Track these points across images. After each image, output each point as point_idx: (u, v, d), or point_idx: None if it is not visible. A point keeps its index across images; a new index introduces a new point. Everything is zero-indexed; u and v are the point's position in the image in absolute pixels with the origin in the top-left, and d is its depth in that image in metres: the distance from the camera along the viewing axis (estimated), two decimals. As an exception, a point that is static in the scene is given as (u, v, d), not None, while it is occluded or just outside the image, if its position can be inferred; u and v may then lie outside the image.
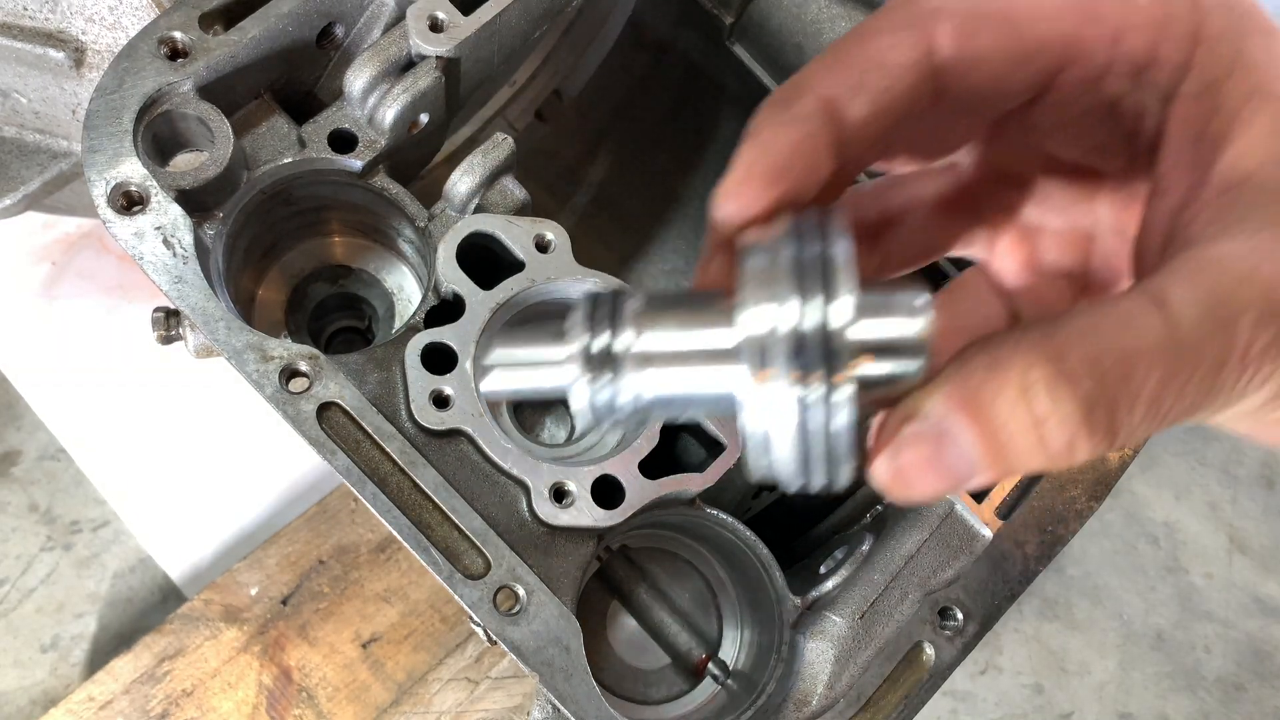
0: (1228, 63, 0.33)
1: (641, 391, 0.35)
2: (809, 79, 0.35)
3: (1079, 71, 0.35)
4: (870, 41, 0.34)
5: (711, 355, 0.34)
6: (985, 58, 0.34)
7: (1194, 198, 0.33)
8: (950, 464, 0.32)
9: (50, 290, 1.29)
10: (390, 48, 0.75)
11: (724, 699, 0.83)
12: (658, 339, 0.35)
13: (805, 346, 0.31)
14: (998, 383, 0.31)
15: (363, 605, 1.16)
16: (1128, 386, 0.30)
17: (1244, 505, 1.57)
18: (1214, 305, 0.30)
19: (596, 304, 0.36)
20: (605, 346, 0.35)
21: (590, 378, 0.35)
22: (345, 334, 0.90)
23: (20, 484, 1.25)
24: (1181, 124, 0.34)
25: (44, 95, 0.86)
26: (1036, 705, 1.42)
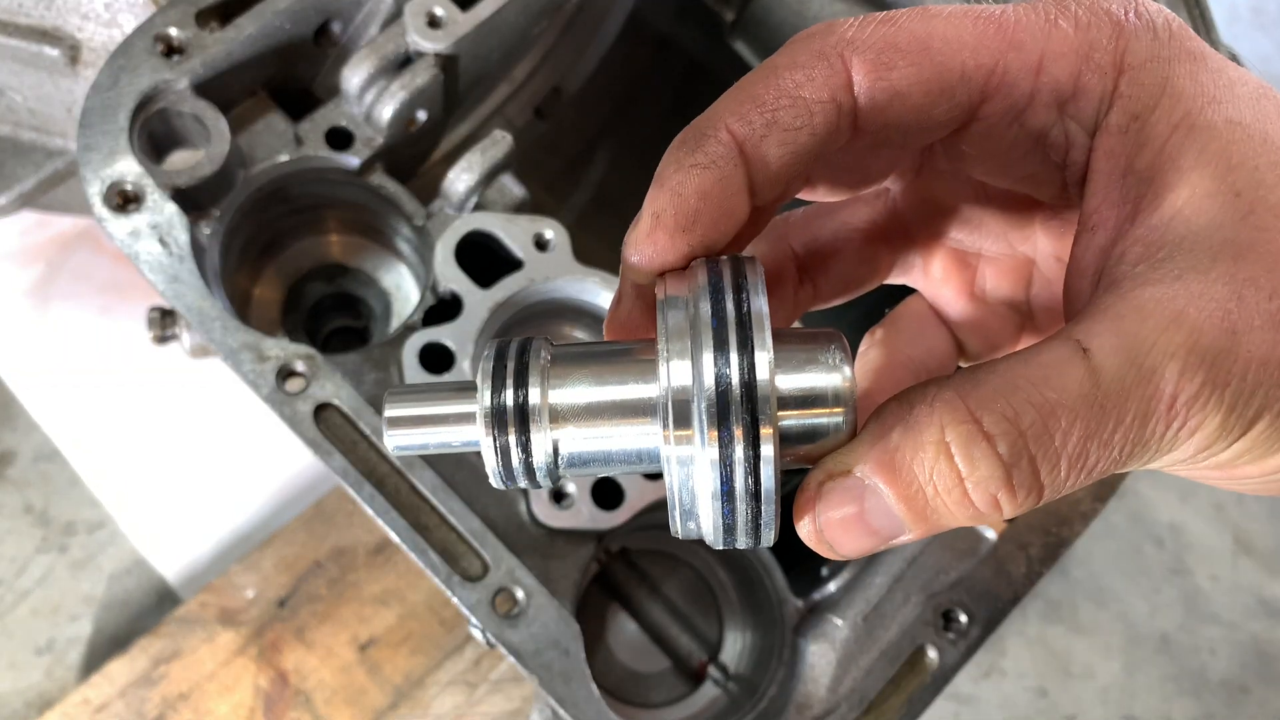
0: (1153, 92, 0.32)
1: (555, 449, 0.34)
2: (716, 118, 0.33)
3: (1002, 103, 0.34)
4: (782, 76, 0.33)
5: (629, 412, 0.33)
6: (903, 91, 0.33)
7: (1121, 235, 0.32)
8: (875, 524, 0.32)
9: (45, 290, 1.28)
10: (388, 44, 0.75)
11: (725, 702, 0.82)
12: (571, 394, 0.34)
13: (725, 406, 0.30)
14: (914, 443, 0.31)
15: (360, 608, 1.15)
16: (1049, 443, 0.30)
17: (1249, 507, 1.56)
18: (1136, 355, 0.29)
19: (503, 355, 0.35)
20: (516, 402, 0.34)
21: (499, 436, 0.34)
22: (342, 333, 0.89)
23: (15, 485, 1.24)
24: (1108, 158, 0.33)
25: (39, 93, 0.85)
26: (1040, 709, 1.41)
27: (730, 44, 0.99)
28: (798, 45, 0.33)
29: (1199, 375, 0.29)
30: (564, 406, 0.34)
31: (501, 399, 0.34)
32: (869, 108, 0.33)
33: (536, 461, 0.34)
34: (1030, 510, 0.32)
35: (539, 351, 0.35)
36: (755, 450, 0.30)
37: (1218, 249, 0.30)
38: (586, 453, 0.34)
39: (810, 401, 0.33)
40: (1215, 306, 0.30)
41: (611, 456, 0.34)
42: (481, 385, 0.34)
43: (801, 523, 0.34)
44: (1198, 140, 0.31)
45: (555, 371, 0.34)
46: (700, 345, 0.31)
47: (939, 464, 0.31)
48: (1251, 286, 0.30)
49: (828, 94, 0.33)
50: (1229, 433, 0.30)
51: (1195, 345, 0.29)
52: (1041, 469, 0.30)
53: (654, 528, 0.83)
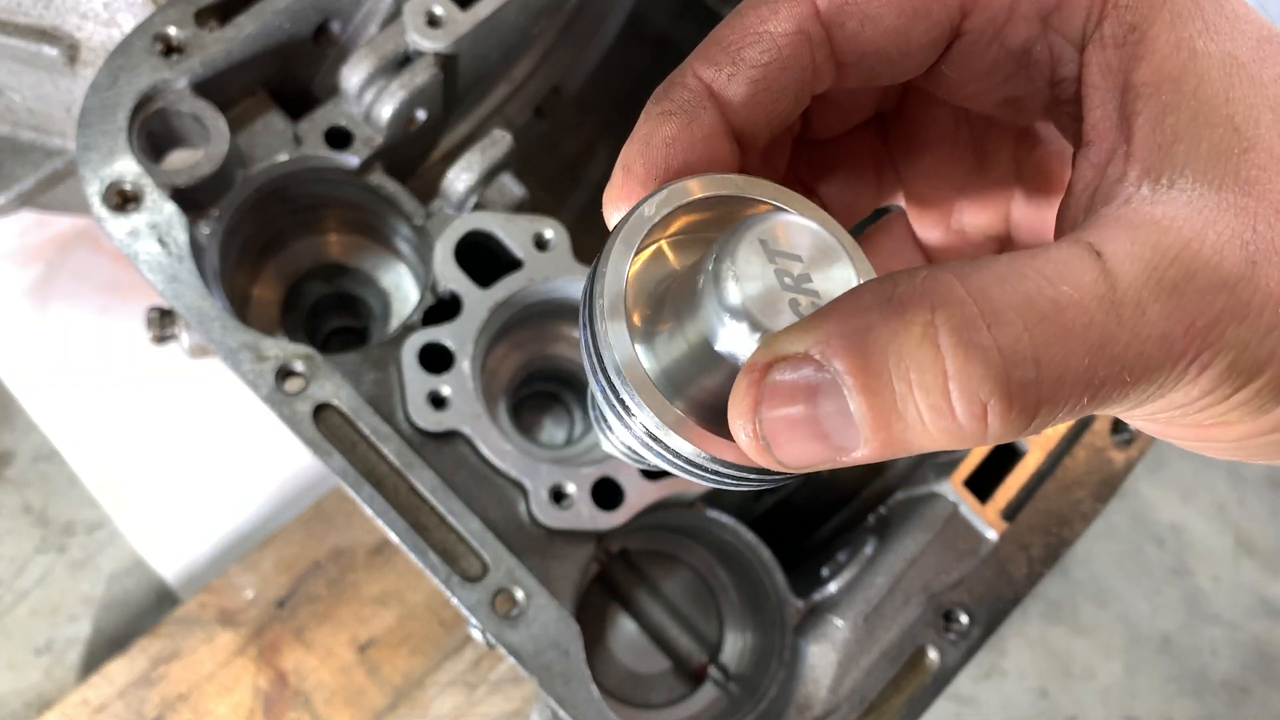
0: (1152, 4, 0.30)
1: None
2: (685, 67, 0.32)
3: (980, 19, 0.32)
4: (746, 16, 0.32)
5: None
6: (873, 14, 0.31)
7: (1124, 154, 0.30)
8: (826, 426, 0.26)
9: (44, 290, 1.28)
10: (387, 43, 0.74)
11: (725, 703, 0.82)
12: None
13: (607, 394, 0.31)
14: (895, 325, 0.25)
15: (359, 608, 1.15)
16: (1060, 349, 0.25)
17: (1251, 506, 1.56)
18: (1157, 265, 0.26)
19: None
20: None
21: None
22: (342, 333, 0.89)
23: (14, 486, 1.24)
24: (1103, 73, 0.31)
25: (38, 93, 0.85)
26: (1041, 709, 1.41)
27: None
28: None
29: (1220, 298, 0.26)
30: None
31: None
32: (841, 36, 0.32)
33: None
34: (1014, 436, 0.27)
35: None
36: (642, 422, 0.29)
37: (1222, 179, 0.28)
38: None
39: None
40: (1233, 234, 0.27)
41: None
42: None
43: (736, 413, 0.28)
44: (1197, 65, 0.29)
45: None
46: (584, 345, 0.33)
47: (922, 350, 0.25)
48: (1264, 222, 0.27)
49: (793, 25, 0.32)
50: (1235, 377, 0.27)
51: (1219, 266, 0.26)
52: (1046, 376, 0.25)
53: (654, 528, 0.83)
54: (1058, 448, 0.80)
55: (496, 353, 0.82)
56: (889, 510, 0.82)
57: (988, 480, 0.78)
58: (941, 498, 0.77)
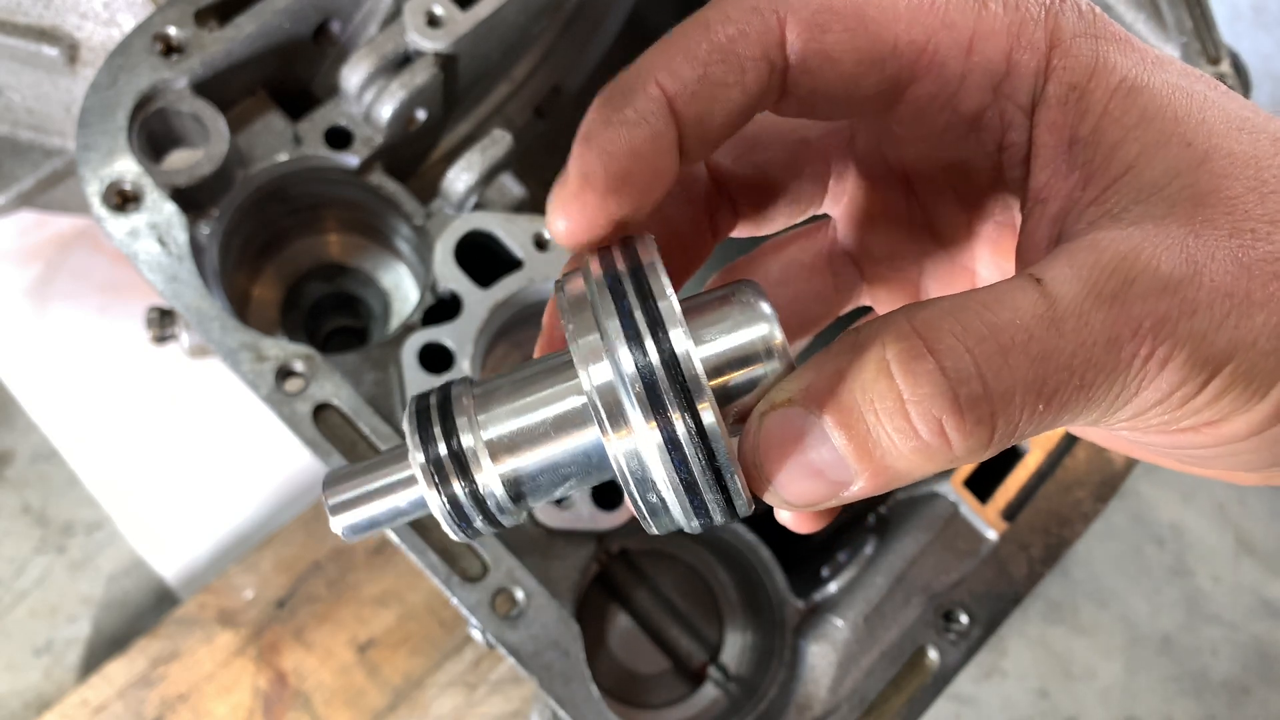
0: (1087, 63, 0.32)
1: (499, 482, 0.33)
2: (645, 72, 0.31)
3: (933, 84, 0.33)
4: (715, 30, 0.31)
5: (565, 425, 0.32)
6: (836, 57, 0.32)
7: (1074, 201, 0.32)
8: (818, 463, 0.29)
9: (43, 290, 1.28)
10: (387, 43, 0.74)
11: (725, 703, 0.82)
12: (502, 426, 0.33)
13: (653, 390, 0.29)
14: (858, 364, 0.29)
15: (359, 608, 1.15)
16: (1000, 363, 0.27)
17: (1251, 506, 1.56)
18: (1095, 280, 0.28)
19: (424, 407, 0.33)
20: (450, 450, 0.32)
21: (443, 488, 0.33)
22: (342, 333, 0.89)
23: (13, 486, 1.24)
24: (1050, 130, 0.32)
25: (37, 92, 0.85)
26: (1041, 710, 1.41)
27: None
28: (731, 1, 0.32)
29: (1165, 299, 0.28)
30: (497, 437, 0.33)
31: (434, 449, 0.33)
32: (800, 70, 0.32)
33: (490, 503, 0.33)
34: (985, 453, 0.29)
35: (459, 393, 0.34)
36: (698, 423, 0.29)
37: (1175, 195, 0.29)
38: (534, 474, 0.33)
39: (741, 358, 0.32)
40: (1172, 242, 0.28)
41: (563, 473, 0.33)
42: (411, 443, 0.33)
43: (744, 464, 0.31)
44: (1139, 100, 0.31)
45: (480, 407, 0.33)
46: (611, 337, 0.30)
47: (878, 383, 0.28)
48: (1209, 226, 0.29)
49: (760, 50, 0.31)
50: (1199, 367, 0.28)
51: (1156, 271, 0.28)
52: (993, 391, 0.27)
53: (654, 528, 0.83)
54: (1058, 448, 0.80)
55: (496, 353, 0.82)
56: (889, 510, 0.82)
57: (988, 480, 0.78)
58: (942, 498, 0.77)
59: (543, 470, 0.33)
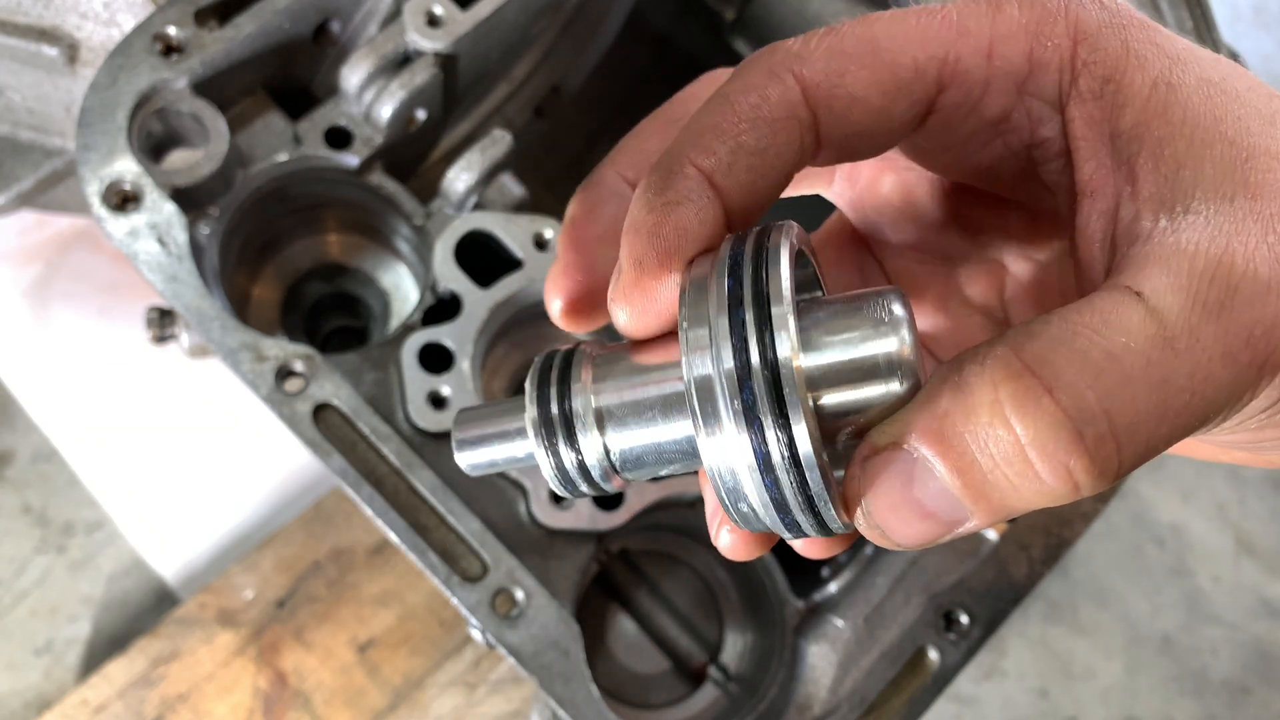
0: (1117, 55, 0.31)
1: (606, 451, 0.33)
2: (679, 155, 0.32)
3: (957, 93, 0.33)
4: (737, 102, 0.32)
5: (668, 408, 0.32)
6: (860, 95, 0.32)
7: (1128, 197, 0.31)
8: (929, 505, 0.28)
9: (43, 290, 1.28)
10: (387, 43, 0.74)
11: (725, 703, 0.82)
12: (612, 395, 0.33)
13: (749, 397, 0.28)
14: (964, 406, 0.27)
15: (359, 608, 1.15)
16: (1125, 396, 0.26)
17: (1251, 506, 1.55)
18: (1198, 290, 0.27)
19: (546, 365, 0.34)
20: (561, 410, 0.33)
21: (549, 444, 0.33)
22: (342, 334, 0.89)
23: (13, 486, 1.24)
24: (1087, 124, 0.32)
25: (37, 92, 0.85)
26: (1041, 710, 1.41)
27: (730, 43, 0.98)
28: (745, 70, 0.33)
29: (1268, 305, 0.27)
30: (606, 407, 0.33)
31: (547, 408, 0.33)
32: (829, 118, 0.32)
33: (590, 465, 0.33)
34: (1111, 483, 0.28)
35: (580, 357, 0.34)
36: (791, 446, 0.28)
37: (1233, 191, 0.29)
38: (637, 451, 0.33)
39: (857, 374, 0.30)
40: (1255, 242, 0.28)
41: (663, 455, 0.33)
42: (528, 397, 0.34)
43: (849, 505, 0.30)
44: (1178, 96, 0.30)
45: (597, 374, 0.33)
46: (717, 331, 0.28)
47: (993, 428, 0.27)
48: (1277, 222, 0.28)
49: (784, 110, 0.32)
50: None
51: (1255, 275, 0.27)
52: (1118, 427, 0.26)
53: (654, 528, 0.83)
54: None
55: (496, 353, 0.82)
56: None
57: (988, 480, 0.77)
58: (942, 498, 0.76)
59: (645, 448, 0.33)
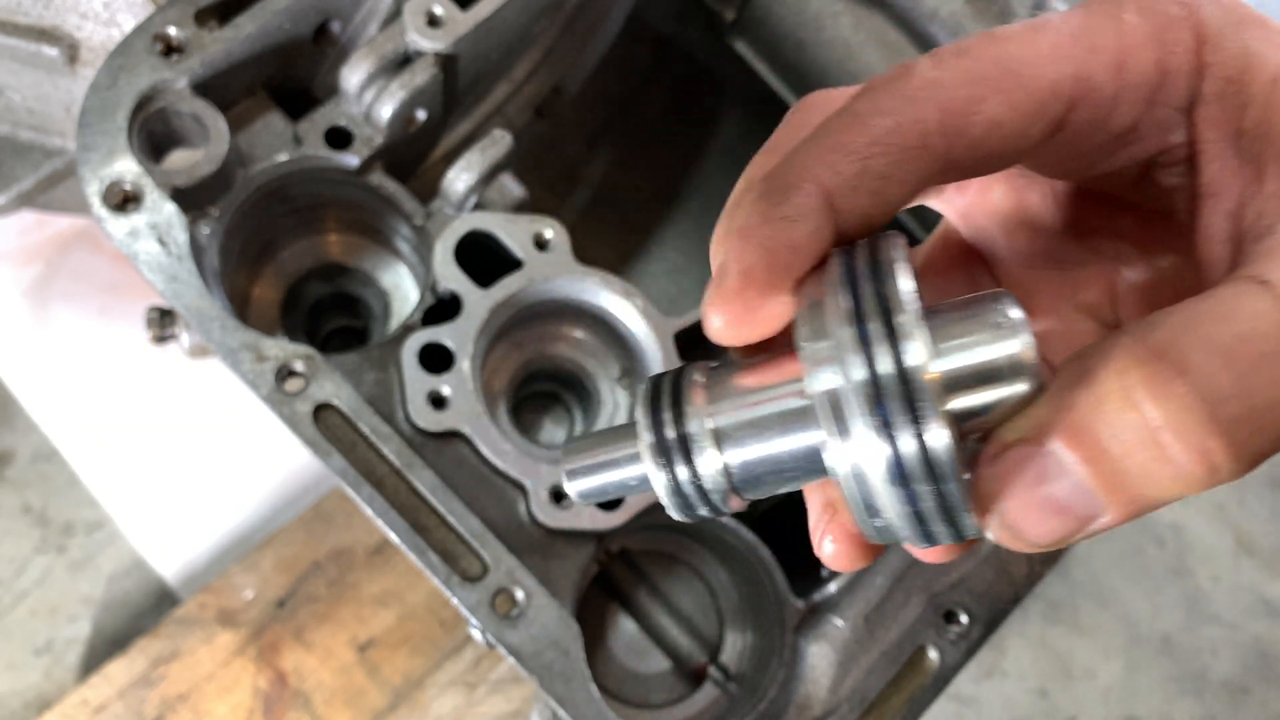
0: (1238, 54, 0.31)
1: (726, 471, 0.33)
2: (802, 169, 0.31)
3: (1088, 110, 0.32)
4: (870, 123, 0.31)
5: (788, 423, 0.32)
6: (999, 121, 0.31)
7: (1254, 193, 0.31)
8: (1063, 500, 0.28)
9: (43, 290, 1.28)
10: (387, 44, 0.74)
11: (725, 703, 0.82)
12: (728, 414, 0.33)
13: (882, 397, 0.28)
14: (1092, 396, 0.27)
15: (359, 608, 1.15)
16: (1258, 376, 0.26)
17: (1251, 506, 1.55)
18: None
19: (657, 388, 0.34)
20: (677, 433, 0.33)
21: (666, 469, 0.33)
22: (342, 334, 0.89)
23: (13, 486, 1.24)
24: (1212, 126, 0.32)
25: (37, 92, 0.85)
26: (1041, 710, 1.41)
27: (730, 43, 0.98)
28: (879, 91, 0.32)
29: None
30: (723, 428, 0.33)
31: (661, 432, 0.33)
32: (961, 144, 0.32)
33: (708, 487, 0.33)
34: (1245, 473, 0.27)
35: (689, 379, 0.34)
36: (927, 448, 0.27)
37: None
38: (756, 471, 0.33)
39: (983, 378, 0.30)
40: None
41: (784, 472, 0.33)
42: (641, 424, 0.34)
43: (979, 509, 0.30)
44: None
45: (710, 395, 0.33)
46: (844, 344, 0.28)
47: (1124, 414, 0.27)
48: None
49: (917, 139, 0.31)
50: None
51: None
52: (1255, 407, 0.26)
53: (654, 528, 0.83)
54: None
55: (496, 353, 0.82)
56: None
57: (988, 480, 0.77)
58: (942, 498, 0.77)
59: (765, 467, 0.33)
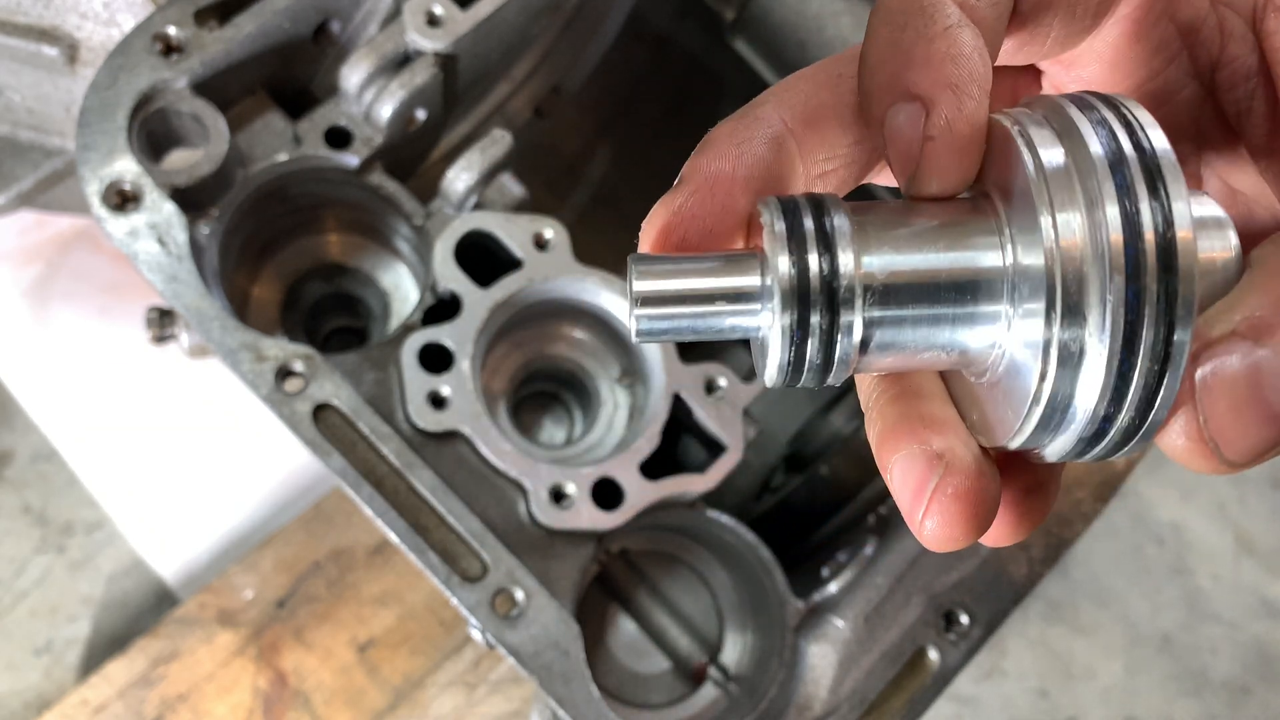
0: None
1: (862, 327, 0.27)
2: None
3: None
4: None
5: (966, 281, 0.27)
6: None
7: None
8: (1270, 400, 0.25)
9: (43, 290, 1.28)
10: (387, 43, 0.74)
11: (725, 703, 0.82)
12: (892, 262, 0.27)
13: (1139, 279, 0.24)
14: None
15: (359, 608, 1.15)
16: None
17: (1252, 506, 1.55)
18: None
19: (795, 213, 0.27)
20: (820, 271, 0.26)
21: (797, 316, 0.26)
22: (342, 334, 0.89)
23: (13, 486, 1.24)
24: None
25: (37, 92, 0.85)
26: (1042, 710, 1.41)
27: (730, 43, 0.98)
28: None
29: None
30: (880, 272, 0.27)
31: (803, 268, 0.26)
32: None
33: (841, 349, 0.27)
34: None
35: (838, 210, 0.27)
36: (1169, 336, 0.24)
37: None
38: (908, 331, 0.27)
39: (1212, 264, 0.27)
40: None
41: (936, 339, 0.28)
42: (774, 252, 0.27)
43: (1175, 419, 0.26)
44: None
45: (866, 234, 0.27)
46: (1101, 194, 0.24)
47: None
48: None
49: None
50: None
51: None
52: None
53: (654, 528, 0.83)
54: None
55: (496, 353, 0.82)
56: (889, 510, 0.82)
57: (988, 480, 0.77)
58: (942, 498, 0.76)
59: (921, 326, 0.27)
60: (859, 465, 0.92)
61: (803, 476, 0.94)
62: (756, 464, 0.98)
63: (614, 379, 0.85)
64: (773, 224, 0.27)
